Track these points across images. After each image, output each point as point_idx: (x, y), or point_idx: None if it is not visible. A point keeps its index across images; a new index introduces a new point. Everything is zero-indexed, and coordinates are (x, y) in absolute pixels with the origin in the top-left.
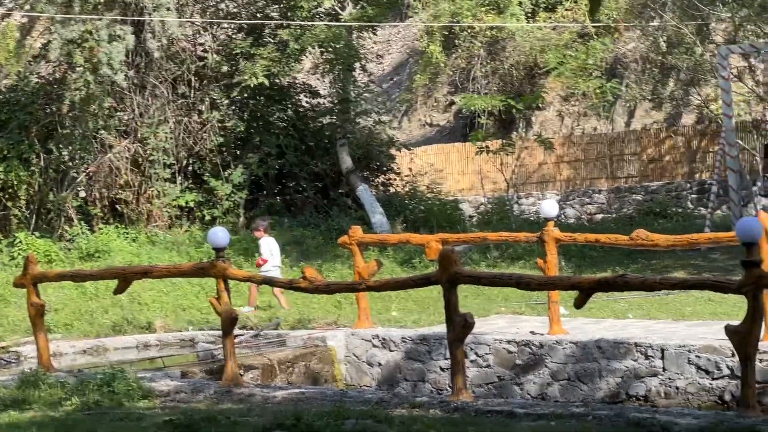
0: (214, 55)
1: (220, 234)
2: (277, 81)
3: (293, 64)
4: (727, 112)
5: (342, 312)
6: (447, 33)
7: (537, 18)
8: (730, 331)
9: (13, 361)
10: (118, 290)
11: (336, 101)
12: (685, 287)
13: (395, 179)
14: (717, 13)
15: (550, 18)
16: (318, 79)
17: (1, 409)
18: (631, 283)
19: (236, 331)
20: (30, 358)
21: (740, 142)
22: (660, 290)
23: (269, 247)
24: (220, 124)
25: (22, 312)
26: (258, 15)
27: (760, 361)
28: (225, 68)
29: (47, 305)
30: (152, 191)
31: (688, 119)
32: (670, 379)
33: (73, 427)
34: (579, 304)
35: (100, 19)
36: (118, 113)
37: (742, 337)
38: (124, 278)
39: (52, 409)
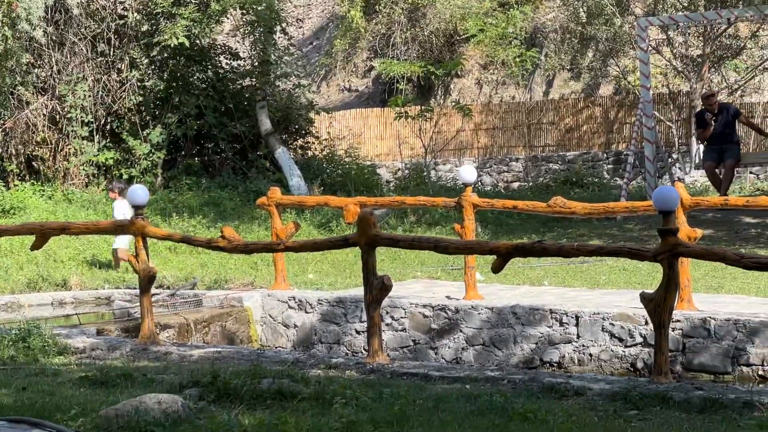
0: (135, 14)
1: (139, 192)
2: (198, 42)
3: (214, 25)
4: (645, 83)
5: (258, 273)
6: None
7: None
8: (645, 298)
9: None
10: (36, 246)
11: (256, 63)
12: (602, 254)
13: (313, 143)
14: None
15: None
16: (238, 42)
17: None
18: (549, 249)
19: (152, 291)
20: None
21: (657, 114)
22: (576, 257)
23: (123, 210)
24: (139, 84)
25: None
26: None
27: (673, 329)
28: (145, 27)
29: None
30: (69, 149)
31: (605, 90)
32: (584, 346)
33: None
34: (497, 268)
35: None
36: (36, 70)
37: (657, 305)
38: (42, 234)
39: None
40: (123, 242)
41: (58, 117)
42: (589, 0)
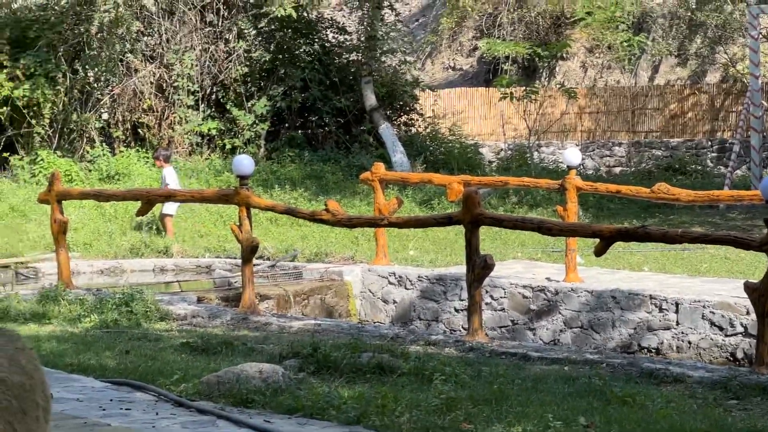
0: None
1: (245, 162)
2: (305, 14)
3: None
4: (755, 72)
5: (359, 248)
6: None
7: None
8: (749, 287)
9: (32, 276)
10: (141, 212)
11: (362, 38)
12: (706, 242)
13: (417, 120)
14: None
15: None
16: (345, 16)
17: (21, 322)
18: (653, 235)
19: (254, 261)
20: (48, 275)
21: (765, 103)
22: (680, 243)
23: (173, 177)
24: (246, 54)
25: (42, 228)
26: None
27: None
28: None
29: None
30: (174, 117)
31: (712, 77)
32: (683, 333)
33: (91, 343)
34: (599, 251)
35: None
36: (145, 38)
37: (761, 294)
38: (147, 200)
39: (71, 325)
40: (172, 209)
41: (164, 85)
42: None
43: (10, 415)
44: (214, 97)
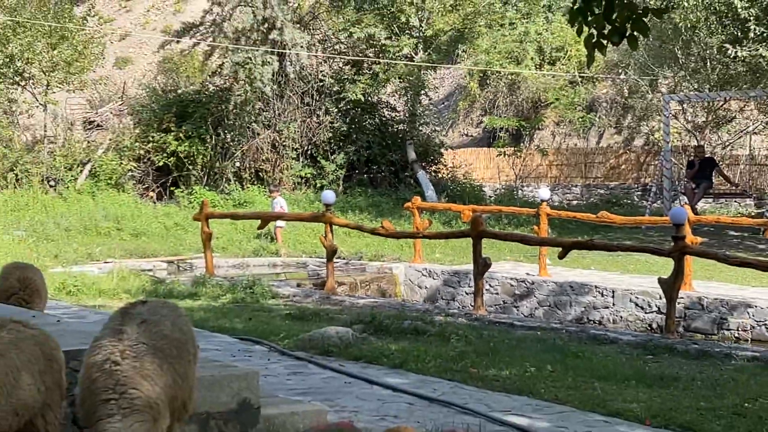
0: (330, 79)
1: (329, 195)
2: (369, 98)
3: (381, 88)
4: (666, 139)
5: (403, 252)
6: (482, 74)
7: (543, 68)
8: (661, 281)
9: (188, 268)
10: (260, 227)
11: (407, 114)
12: (633, 250)
13: (442, 169)
14: (663, 72)
15: (551, 68)
16: (395, 100)
17: (180, 299)
18: (597, 245)
19: (334, 260)
20: (199, 268)
21: (673, 159)
22: (615, 251)
23: (280, 203)
24: (330, 125)
25: (194, 237)
26: (359, 54)
27: (678, 303)
28: (336, 88)
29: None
30: (283, 165)
31: (638, 142)
32: (617, 311)
33: (226, 313)
34: (562, 256)
35: (257, 50)
36: (264, 113)
37: (669, 285)
38: (264, 219)
39: (213, 301)
40: (282, 224)
41: (276, 144)
42: (630, 81)
43: (173, 359)
44: (309, 152)
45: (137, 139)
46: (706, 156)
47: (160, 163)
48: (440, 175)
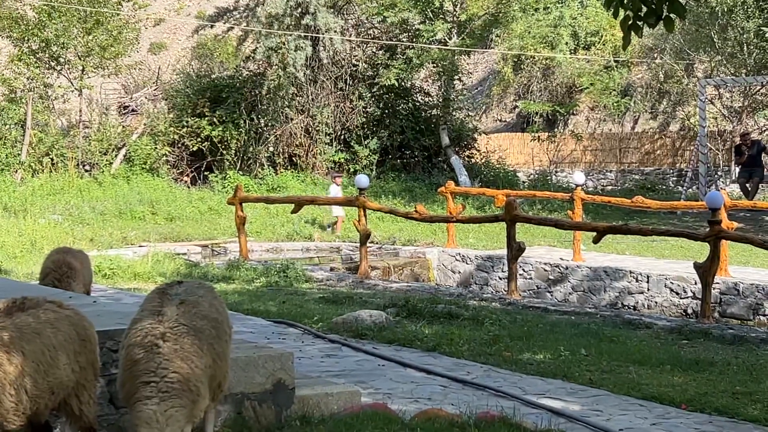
0: (363, 64)
1: (363, 179)
2: (403, 83)
3: (414, 73)
4: (702, 124)
5: (436, 237)
6: (516, 59)
7: (577, 53)
8: (696, 266)
9: (222, 252)
10: (294, 211)
11: (441, 99)
12: (668, 235)
13: (476, 154)
14: (700, 57)
15: (586, 53)
16: (429, 85)
17: (215, 281)
18: (632, 229)
19: (367, 244)
20: (233, 251)
21: (708, 144)
22: (650, 236)
23: (336, 190)
24: (363, 110)
25: (229, 221)
26: (393, 39)
27: (714, 288)
28: (369, 72)
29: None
30: (316, 150)
31: (674, 127)
32: (652, 296)
33: (260, 296)
34: (596, 240)
35: (290, 35)
36: (298, 98)
37: (705, 270)
38: (298, 203)
39: (247, 284)
40: (341, 211)
41: (310, 129)
42: (667, 66)
43: (211, 338)
44: (342, 137)
45: (171, 123)
46: (753, 139)
47: (194, 148)
48: (474, 161)
